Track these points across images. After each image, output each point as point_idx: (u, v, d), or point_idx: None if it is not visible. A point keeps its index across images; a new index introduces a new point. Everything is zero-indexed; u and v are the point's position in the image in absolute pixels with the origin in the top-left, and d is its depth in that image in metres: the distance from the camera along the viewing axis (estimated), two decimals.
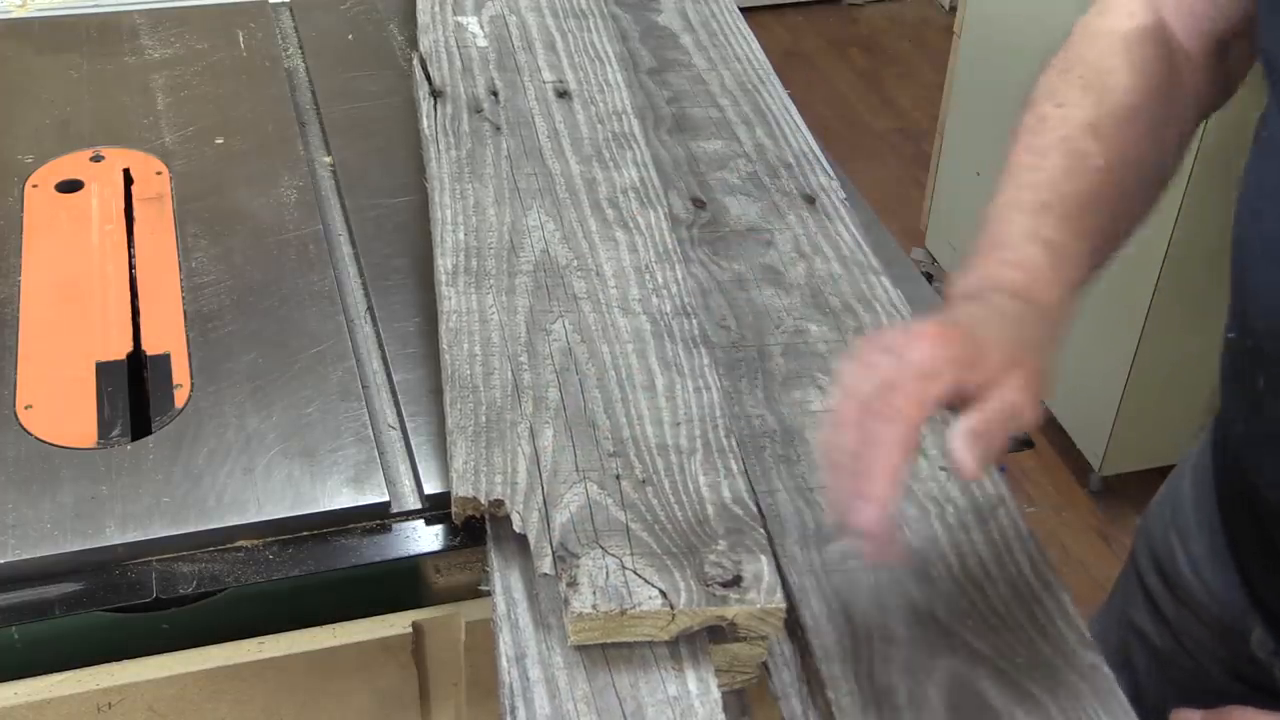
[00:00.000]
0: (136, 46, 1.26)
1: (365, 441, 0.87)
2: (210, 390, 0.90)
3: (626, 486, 0.78)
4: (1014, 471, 2.21)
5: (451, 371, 0.85)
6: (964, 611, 0.79)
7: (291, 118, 1.18)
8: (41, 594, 0.78)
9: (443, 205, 0.99)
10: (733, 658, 0.74)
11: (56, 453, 0.85)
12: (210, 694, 0.82)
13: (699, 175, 1.13)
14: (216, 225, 1.05)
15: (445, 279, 0.92)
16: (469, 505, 0.77)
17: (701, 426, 0.83)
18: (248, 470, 0.84)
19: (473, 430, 0.81)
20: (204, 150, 1.13)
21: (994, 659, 0.76)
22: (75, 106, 1.17)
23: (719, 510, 0.77)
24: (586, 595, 0.70)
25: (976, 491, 0.86)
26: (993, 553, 0.83)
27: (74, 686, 0.79)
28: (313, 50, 1.29)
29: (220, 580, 0.80)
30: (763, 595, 0.71)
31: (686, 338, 0.90)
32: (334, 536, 0.83)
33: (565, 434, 0.81)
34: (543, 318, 0.90)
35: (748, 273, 1.02)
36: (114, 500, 0.82)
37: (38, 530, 0.80)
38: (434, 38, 1.19)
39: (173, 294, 0.98)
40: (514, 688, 0.70)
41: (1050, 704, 0.74)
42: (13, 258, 1.00)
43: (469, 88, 1.13)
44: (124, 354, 0.93)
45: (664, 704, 0.69)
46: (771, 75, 1.26)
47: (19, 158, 1.11)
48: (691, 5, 1.37)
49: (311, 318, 0.97)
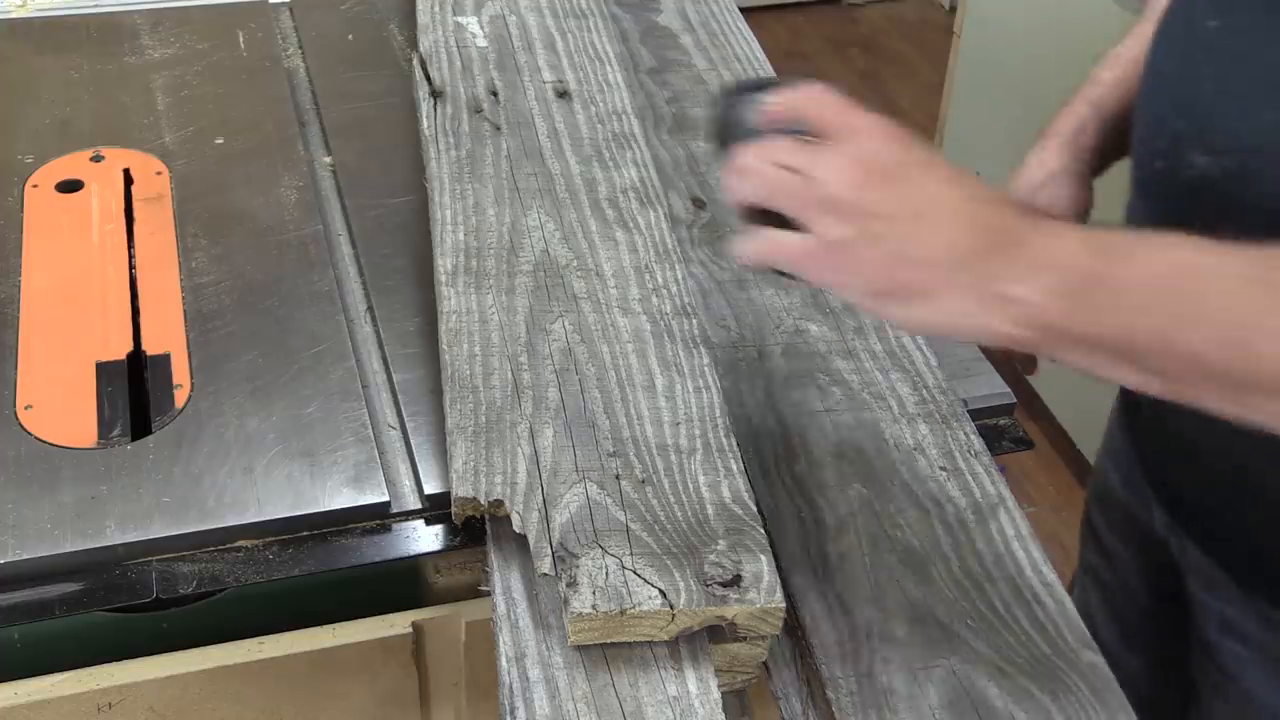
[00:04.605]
0: (136, 46, 1.26)
1: (365, 441, 0.87)
2: (210, 390, 0.90)
3: (626, 486, 0.78)
4: (1014, 471, 2.21)
5: (451, 371, 0.85)
6: (964, 611, 0.79)
7: (291, 118, 1.18)
8: (41, 594, 0.78)
9: (443, 205, 0.99)
10: (733, 658, 0.74)
11: (56, 453, 0.85)
12: (210, 694, 0.82)
13: (699, 175, 1.13)
14: (216, 225, 1.05)
15: (445, 279, 0.92)
16: (469, 505, 0.78)
17: (701, 426, 0.83)
18: (248, 470, 0.84)
19: (473, 430, 0.81)
20: (204, 150, 1.13)
21: (994, 659, 0.76)
22: (75, 106, 1.17)
23: (719, 510, 0.77)
24: (586, 595, 0.70)
25: (976, 491, 0.87)
26: (993, 553, 0.83)
27: (74, 686, 0.80)
28: (313, 50, 1.29)
29: (220, 580, 0.80)
30: (763, 595, 0.71)
31: (686, 338, 0.90)
32: (334, 536, 0.83)
33: (565, 434, 0.81)
34: (542, 318, 0.90)
35: (748, 273, 1.02)
36: (114, 500, 0.82)
37: (38, 530, 0.80)
38: (434, 38, 1.19)
39: (173, 294, 0.98)
40: (514, 688, 0.70)
41: (1050, 704, 0.74)
42: (13, 258, 1.00)
43: (469, 88, 1.13)
44: (124, 354, 0.93)
45: (664, 704, 0.69)
46: (772, 75, 1.26)
47: (19, 158, 1.11)
48: (691, 5, 1.37)
49: (311, 318, 0.97)
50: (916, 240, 0.67)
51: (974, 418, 0.93)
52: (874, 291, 0.68)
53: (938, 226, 0.67)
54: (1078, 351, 0.65)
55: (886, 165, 0.69)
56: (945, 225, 0.67)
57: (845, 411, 0.91)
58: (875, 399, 0.92)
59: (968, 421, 0.92)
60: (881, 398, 0.92)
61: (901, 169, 0.69)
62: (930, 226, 0.67)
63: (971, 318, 0.66)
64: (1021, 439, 0.96)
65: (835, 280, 0.69)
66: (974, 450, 0.89)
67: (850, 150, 0.69)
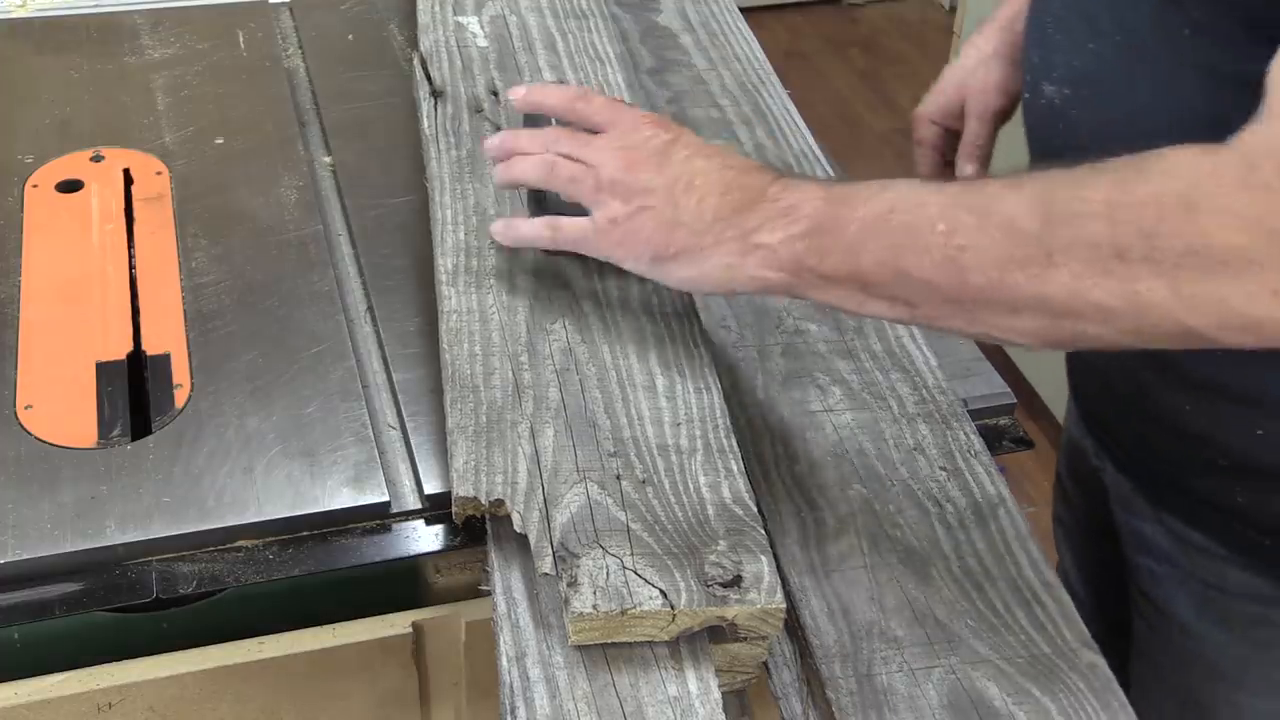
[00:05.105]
0: (136, 46, 1.26)
1: (365, 441, 0.87)
2: (210, 390, 0.90)
3: (627, 486, 0.78)
4: (1014, 471, 2.21)
5: (452, 371, 0.85)
6: (964, 611, 0.79)
7: (291, 118, 1.18)
8: (41, 594, 0.78)
9: (443, 205, 0.99)
10: (733, 658, 0.74)
11: (56, 453, 0.85)
12: (210, 694, 0.82)
13: None
14: (216, 225, 1.05)
15: (445, 279, 0.92)
16: (469, 505, 0.77)
17: (702, 427, 0.83)
18: (248, 470, 0.84)
19: (473, 430, 0.81)
20: (204, 150, 1.13)
21: (994, 659, 0.76)
22: (75, 106, 1.17)
23: (719, 510, 0.77)
24: (587, 595, 0.70)
25: (976, 491, 0.87)
26: (993, 553, 0.83)
27: (74, 686, 0.80)
28: (313, 50, 1.28)
29: (220, 580, 0.80)
30: (763, 595, 0.72)
31: (687, 338, 0.90)
32: (334, 536, 0.83)
33: (566, 434, 0.81)
34: (543, 318, 0.90)
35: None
36: (114, 500, 0.82)
37: (38, 530, 0.80)
38: (434, 38, 1.19)
39: (173, 294, 0.98)
40: (514, 687, 0.70)
41: (1050, 704, 0.74)
42: (13, 258, 1.00)
43: (469, 88, 1.13)
44: (124, 354, 0.93)
45: (664, 704, 0.69)
46: (771, 75, 1.26)
47: (19, 158, 1.11)
48: (691, 5, 1.37)
49: (311, 318, 0.97)
50: (683, 208, 0.78)
51: (974, 418, 0.93)
52: (653, 257, 0.79)
53: (701, 194, 0.77)
54: (824, 289, 0.74)
55: (651, 147, 0.80)
56: (707, 192, 0.77)
57: (845, 411, 0.91)
58: (875, 399, 0.92)
59: (968, 421, 0.92)
60: (881, 398, 0.93)
61: (665, 149, 0.80)
62: (695, 195, 0.78)
63: (734, 269, 0.76)
64: (1021, 439, 0.96)
65: (619, 253, 0.81)
66: (974, 450, 0.89)
67: (618, 139, 0.82)
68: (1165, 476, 0.93)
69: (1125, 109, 0.79)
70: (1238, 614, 0.92)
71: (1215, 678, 0.95)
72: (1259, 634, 0.91)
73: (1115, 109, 0.80)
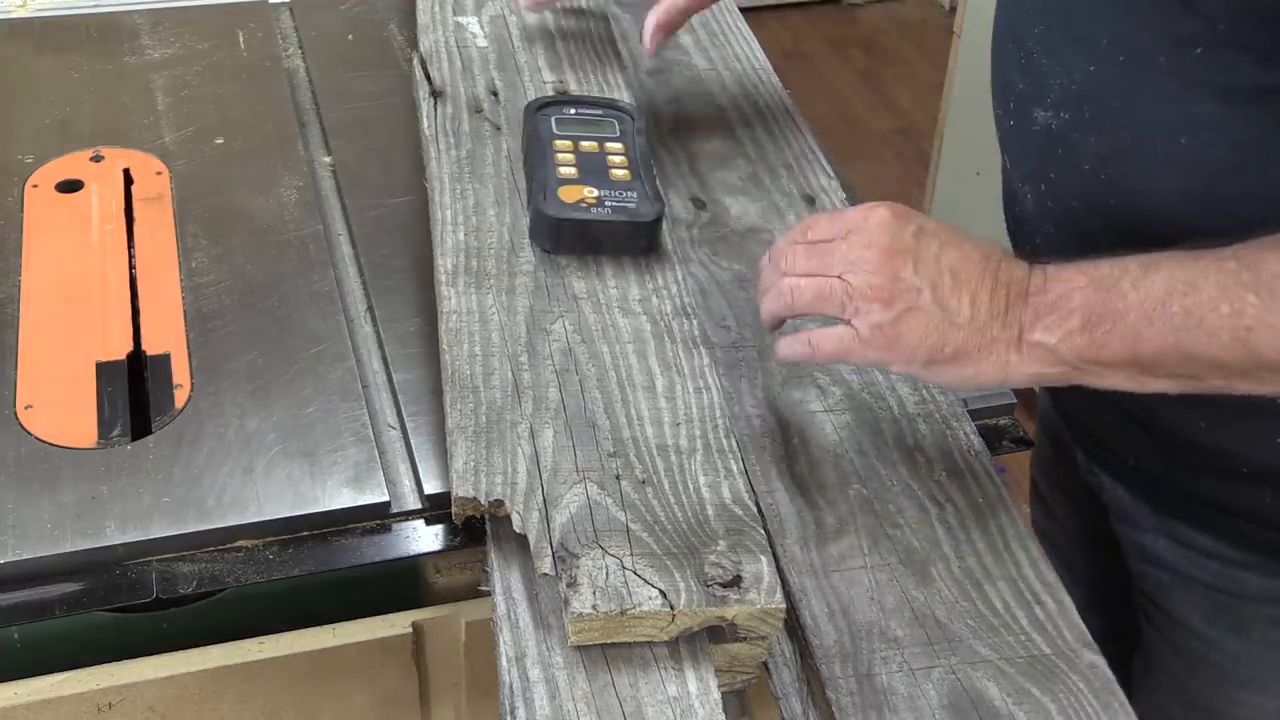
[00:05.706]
0: (136, 46, 1.26)
1: (365, 441, 0.87)
2: (210, 390, 0.90)
3: (626, 487, 0.78)
4: (1014, 471, 2.20)
5: (451, 371, 0.85)
6: (964, 611, 0.79)
7: (291, 118, 1.18)
8: (41, 594, 0.78)
9: (443, 205, 0.99)
10: (733, 658, 0.74)
11: (56, 453, 0.85)
12: (210, 694, 0.82)
13: (699, 175, 1.13)
14: (216, 225, 1.05)
15: (445, 279, 0.92)
16: (469, 505, 0.78)
17: (701, 427, 0.83)
18: (248, 470, 0.84)
19: (473, 430, 0.81)
20: (204, 150, 1.13)
21: (994, 659, 0.76)
22: (75, 106, 1.17)
23: (719, 510, 0.77)
24: (586, 595, 0.70)
25: (976, 491, 0.87)
26: (993, 553, 0.83)
27: (74, 686, 0.80)
28: (313, 50, 1.28)
29: (220, 580, 0.80)
30: (763, 595, 0.72)
31: (686, 338, 0.90)
32: (334, 536, 0.83)
33: (565, 434, 0.81)
34: (543, 318, 0.90)
35: (748, 273, 1.02)
36: (114, 500, 0.82)
37: (38, 530, 0.80)
38: (434, 38, 1.19)
39: (173, 294, 0.98)
40: (514, 688, 0.70)
41: (1050, 704, 0.74)
42: (13, 258, 1.00)
43: (469, 88, 1.13)
44: (124, 354, 0.93)
45: (664, 704, 0.69)
46: (771, 75, 1.26)
47: (19, 158, 1.11)
48: None
49: (311, 318, 0.97)
50: (952, 309, 0.74)
51: (974, 418, 0.93)
52: (927, 360, 0.75)
53: (970, 292, 0.74)
54: (1103, 376, 0.73)
55: (898, 240, 0.75)
56: (976, 290, 0.74)
57: (845, 411, 0.91)
58: (875, 399, 0.92)
59: (968, 421, 0.92)
60: (881, 398, 0.93)
61: (913, 241, 0.75)
62: (963, 294, 0.74)
63: (1012, 367, 0.74)
64: (1021, 439, 0.96)
65: (887, 356, 0.76)
66: (974, 450, 0.89)
67: (860, 240, 0.76)
68: (1171, 485, 0.92)
69: (1132, 130, 0.79)
70: (1253, 617, 0.91)
71: (1224, 680, 0.94)
72: (1273, 634, 0.91)
73: (1121, 130, 0.79)
